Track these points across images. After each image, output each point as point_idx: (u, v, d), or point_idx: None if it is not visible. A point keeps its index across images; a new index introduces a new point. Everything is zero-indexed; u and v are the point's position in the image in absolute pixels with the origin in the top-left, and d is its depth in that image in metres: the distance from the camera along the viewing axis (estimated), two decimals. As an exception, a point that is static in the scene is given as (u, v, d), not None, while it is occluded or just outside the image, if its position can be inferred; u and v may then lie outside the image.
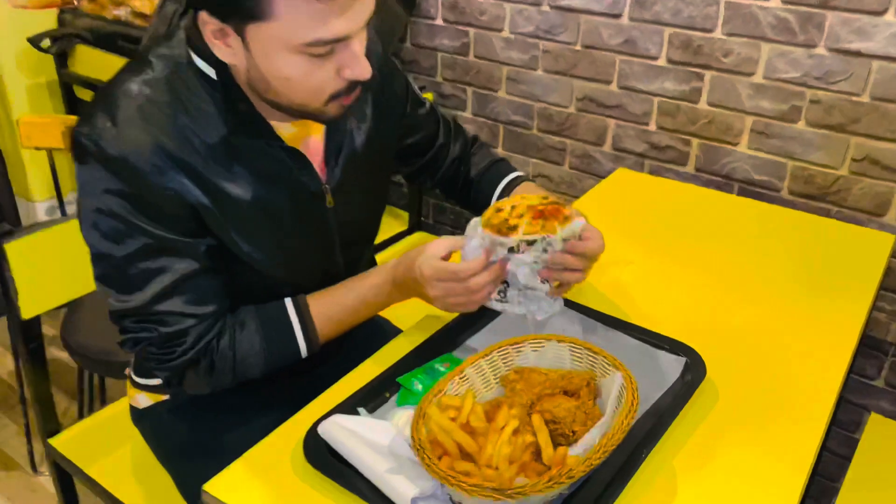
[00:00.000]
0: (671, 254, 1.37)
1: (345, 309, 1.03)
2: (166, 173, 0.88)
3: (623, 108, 1.80)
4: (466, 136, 1.29)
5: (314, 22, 0.80)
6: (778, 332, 1.15)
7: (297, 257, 1.04)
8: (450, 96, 2.12)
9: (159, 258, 0.90)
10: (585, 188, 1.96)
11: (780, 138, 1.61)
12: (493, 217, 0.95)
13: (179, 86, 0.90)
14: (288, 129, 0.98)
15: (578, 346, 0.98)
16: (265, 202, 0.96)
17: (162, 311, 0.92)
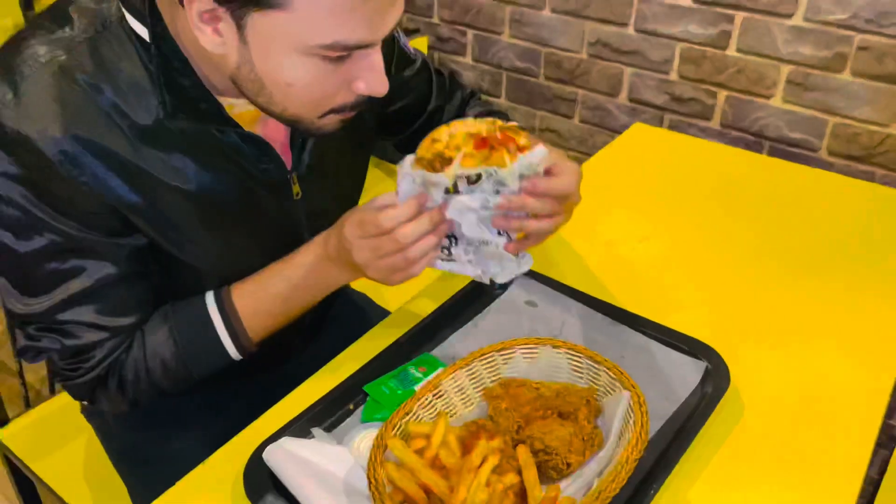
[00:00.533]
0: (691, 227, 1.21)
1: (275, 298, 0.85)
2: (80, 164, 0.71)
3: (641, 54, 1.62)
4: (464, 92, 1.11)
5: (337, 19, 0.64)
6: (815, 326, 1.00)
7: (256, 260, 0.87)
8: (448, 40, 1.92)
9: (69, 259, 0.76)
10: (598, 145, 1.78)
11: (820, 91, 1.42)
12: (427, 150, 0.73)
13: (106, 52, 0.72)
14: (243, 107, 0.80)
15: (578, 353, 0.83)
16: (214, 196, 0.80)
17: (69, 320, 0.78)
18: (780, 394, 0.89)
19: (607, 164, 1.39)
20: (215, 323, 0.84)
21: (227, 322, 0.84)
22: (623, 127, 1.72)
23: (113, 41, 0.73)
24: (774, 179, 1.34)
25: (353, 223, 0.76)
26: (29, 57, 0.71)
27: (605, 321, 0.96)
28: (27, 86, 0.70)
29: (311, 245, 0.84)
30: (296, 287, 0.84)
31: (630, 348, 0.92)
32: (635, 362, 0.90)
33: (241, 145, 0.80)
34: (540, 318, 0.97)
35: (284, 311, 0.86)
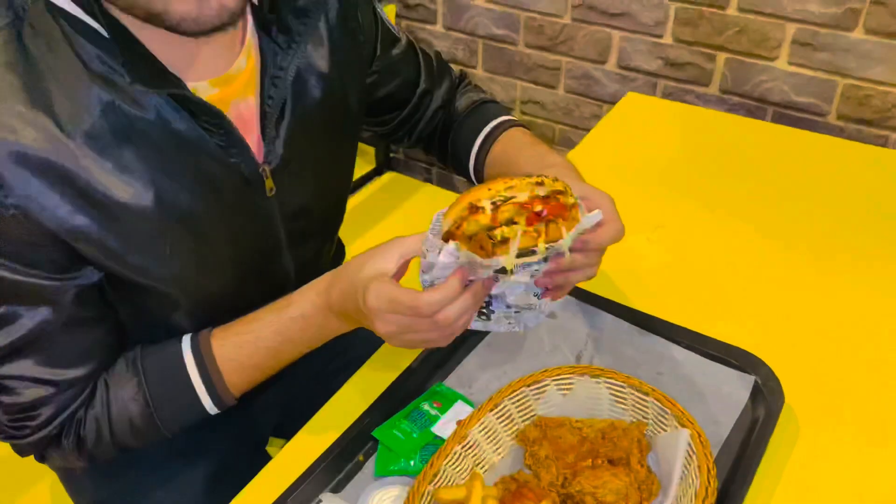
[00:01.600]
0: (704, 210, 1.12)
1: (263, 352, 0.75)
2: (7, 183, 0.59)
3: (631, 16, 1.50)
4: (453, 76, 1.00)
5: None
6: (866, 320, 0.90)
7: (226, 271, 0.76)
8: (415, 6, 1.78)
9: (2, 304, 0.65)
10: (586, 115, 1.66)
11: (829, 51, 1.33)
12: (469, 223, 0.63)
13: (30, 40, 0.60)
14: (206, 90, 0.68)
15: (620, 382, 0.72)
16: (176, 201, 0.67)
17: (7, 375, 0.68)
18: (837, 403, 0.80)
19: (603, 141, 1.28)
20: (192, 378, 0.73)
21: (206, 377, 0.74)
22: (612, 96, 1.61)
23: (37, 27, 0.60)
24: (787, 148, 1.24)
25: (381, 297, 0.64)
26: None
27: (633, 331, 0.86)
28: None
29: (307, 294, 0.73)
30: (290, 340, 0.74)
31: (667, 363, 0.82)
32: (675, 379, 0.80)
33: (202, 137, 0.67)
34: (561, 331, 0.87)
35: (274, 365, 0.76)
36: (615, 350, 0.85)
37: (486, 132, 0.93)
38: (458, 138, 0.96)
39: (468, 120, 0.96)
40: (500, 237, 0.61)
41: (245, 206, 0.74)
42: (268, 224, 0.77)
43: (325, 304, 0.72)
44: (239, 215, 0.74)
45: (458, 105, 0.98)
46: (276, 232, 0.79)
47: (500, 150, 0.91)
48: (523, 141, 0.91)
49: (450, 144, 0.98)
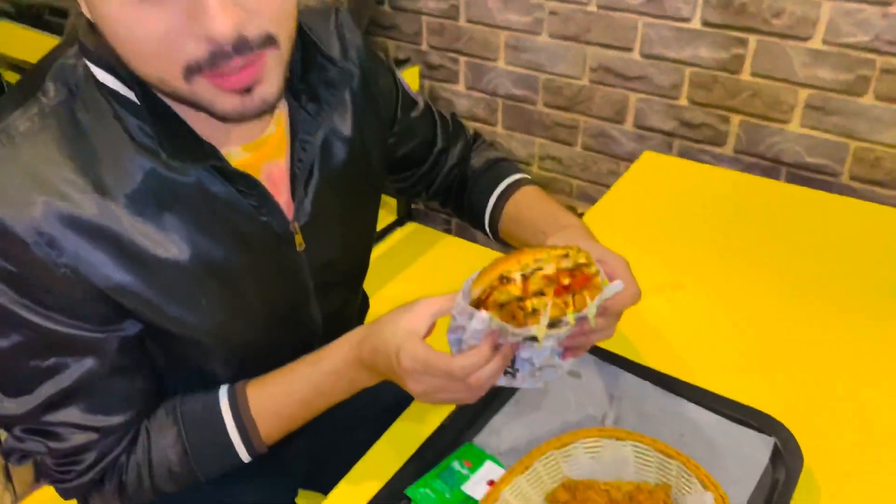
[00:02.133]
0: (724, 269, 1.14)
1: (296, 403, 0.79)
2: (59, 245, 0.64)
3: (647, 79, 1.55)
4: (467, 134, 1.05)
5: None
6: (885, 378, 0.93)
7: (259, 321, 0.80)
8: (438, 67, 1.84)
9: (50, 356, 0.69)
10: (602, 172, 1.70)
11: (841, 115, 1.37)
12: (500, 293, 0.67)
13: (82, 114, 0.65)
14: (239, 156, 0.73)
15: (646, 446, 0.74)
16: (208, 257, 0.72)
17: (54, 421, 0.71)
18: (859, 470, 0.82)
19: (621, 201, 1.32)
20: (228, 427, 0.77)
21: (241, 425, 0.77)
22: (629, 154, 1.65)
23: (88, 101, 0.65)
24: (801, 208, 1.27)
25: (415, 359, 0.68)
26: (1, 132, 0.63)
27: (656, 392, 0.88)
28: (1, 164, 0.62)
29: (339, 349, 0.77)
30: (322, 393, 0.78)
31: (689, 423, 0.85)
32: (697, 440, 0.82)
33: (237, 198, 0.72)
34: (586, 391, 0.89)
35: (305, 415, 0.80)
36: (639, 410, 0.87)
37: (500, 190, 0.97)
38: (473, 195, 1.00)
39: (483, 177, 1.00)
40: (530, 308, 0.65)
41: (276, 261, 0.78)
42: (297, 277, 0.81)
43: (356, 358, 0.75)
44: (270, 269, 0.78)
45: (473, 163, 1.02)
46: (305, 284, 0.82)
47: (515, 208, 0.95)
48: (537, 199, 0.95)
49: (466, 201, 1.02)
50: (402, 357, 0.68)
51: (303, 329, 0.86)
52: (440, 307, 0.70)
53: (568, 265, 0.68)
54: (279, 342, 0.84)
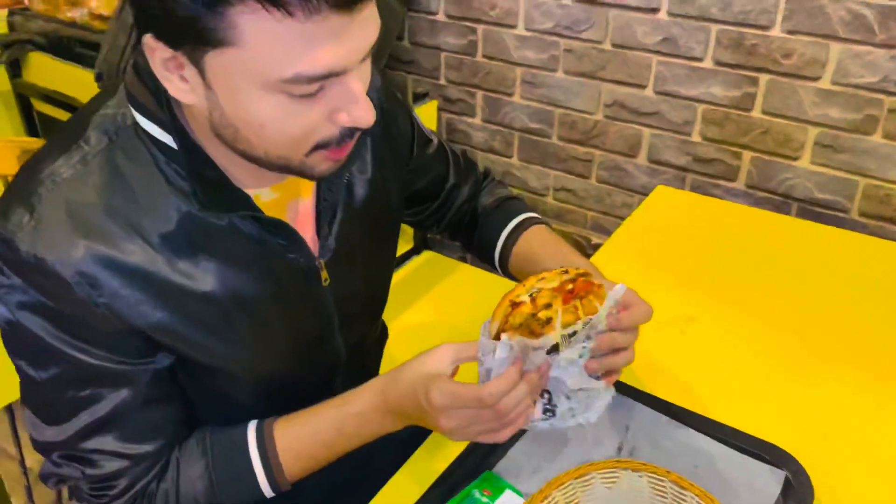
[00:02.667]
0: (735, 303, 1.17)
1: (320, 444, 0.81)
2: (99, 284, 0.67)
3: (661, 115, 1.59)
4: (478, 172, 1.09)
5: (291, 50, 0.58)
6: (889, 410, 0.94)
7: (285, 352, 0.84)
8: (456, 101, 1.89)
9: (87, 387, 0.72)
10: (616, 204, 1.74)
11: (850, 152, 1.40)
12: (514, 315, 0.71)
13: (121, 160, 0.69)
14: (268, 196, 0.77)
15: (661, 477, 0.77)
16: (239, 292, 0.76)
17: (90, 448, 0.74)
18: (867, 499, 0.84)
19: (636, 233, 1.35)
20: (253, 463, 0.80)
21: (266, 463, 0.80)
22: (643, 187, 1.69)
23: (127, 148, 0.69)
24: (812, 243, 1.30)
25: (444, 394, 0.71)
26: (46, 178, 0.68)
27: (671, 424, 0.91)
28: (43, 207, 0.66)
29: (364, 394, 0.80)
30: (345, 435, 0.80)
31: (702, 455, 0.87)
32: (710, 472, 0.85)
33: (267, 238, 0.76)
34: (603, 423, 0.91)
35: (328, 456, 0.82)
36: (654, 442, 0.90)
37: (510, 227, 1.01)
38: (484, 231, 1.04)
39: (494, 214, 1.04)
40: (544, 318, 0.69)
41: (303, 295, 0.82)
42: (323, 310, 0.85)
43: (381, 404, 0.78)
44: (298, 303, 0.81)
45: (483, 200, 1.06)
46: (330, 317, 0.86)
47: (525, 246, 0.99)
48: (547, 239, 0.99)
49: (476, 236, 1.06)
50: (432, 395, 0.71)
51: (327, 359, 0.90)
52: (463, 352, 0.73)
53: (569, 277, 0.73)
54: (305, 372, 0.87)
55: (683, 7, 1.45)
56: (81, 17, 1.95)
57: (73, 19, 1.97)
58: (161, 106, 0.69)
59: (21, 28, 2.07)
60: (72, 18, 1.97)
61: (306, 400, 0.89)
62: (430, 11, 1.81)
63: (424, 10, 1.81)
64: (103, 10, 1.87)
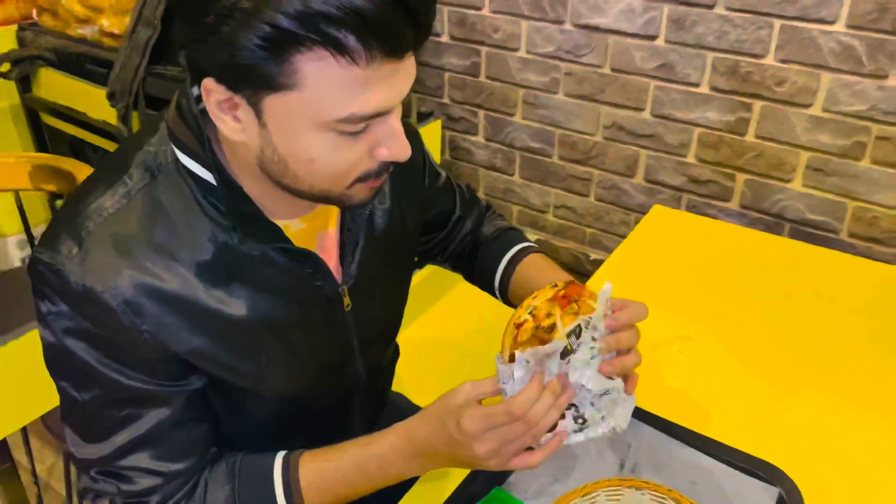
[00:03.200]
0: (732, 320, 1.22)
1: (340, 480, 0.82)
2: (143, 312, 0.72)
3: (657, 137, 1.63)
4: (481, 205, 1.15)
5: (349, 93, 0.64)
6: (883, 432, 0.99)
7: (310, 373, 0.88)
8: (459, 119, 1.93)
9: (127, 407, 0.76)
10: (614, 222, 1.79)
11: (840, 176, 1.45)
12: (521, 334, 0.75)
13: (163, 194, 0.74)
14: (297, 226, 0.82)
15: (662, 495, 0.82)
16: (269, 317, 0.80)
17: (126, 466, 0.78)
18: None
19: (634, 252, 1.40)
20: (277, 493, 0.82)
21: (289, 494, 0.82)
22: (640, 206, 1.74)
23: (168, 184, 0.74)
24: (803, 263, 1.35)
25: (475, 418, 0.74)
26: (93, 212, 0.72)
27: (671, 442, 0.96)
28: (91, 240, 0.71)
29: (388, 437, 0.81)
30: (366, 475, 0.81)
31: (700, 472, 0.92)
32: (708, 488, 0.90)
33: (295, 267, 0.80)
34: (607, 441, 0.97)
35: (350, 494, 0.83)
36: (655, 459, 0.94)
37: (509, 256, 1.06)
38: (485, 260, 1.09)
39: (494, 244, 1.09)
40: (548, 325, 0.73)
41: (327, 321, 0.86)
42: (345, 334, 0.89)
43: (407, 447, 0.79)
44: (322, 328, 0.86)
45: (484, 231, 1.11)
46: (351, 339, 0.90)
47: (523, 272, 1.03)
48: (543, 265, 1.03)
49: (476, 265, 1.10)
50: (464, 422, 0.73)
51: (347, 380, 0.93)
52: (482, 387, 0.75)
53: (560, 286, 0.77)
54: (326, 392, 0.91)
55: (680, 35, 1.51)
56: (92, 34, 1.99)
57: (84, 36, 2.01)
58: (202, 145, 0.73)
59: (31, 44, 2.11)
60: (82, 35, 2.01)
61: (325, 418, 0.93)
62: (436, 33, 1.86)
63: (429, 31, 1.86)
64: (114, 29, 1.91)
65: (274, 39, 0.60)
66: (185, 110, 0.74)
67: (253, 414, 0.87)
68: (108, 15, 1.94)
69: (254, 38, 0.60)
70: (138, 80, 1.71)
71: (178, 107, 0.75)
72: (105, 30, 1.94)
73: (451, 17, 1.81)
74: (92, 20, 1.97)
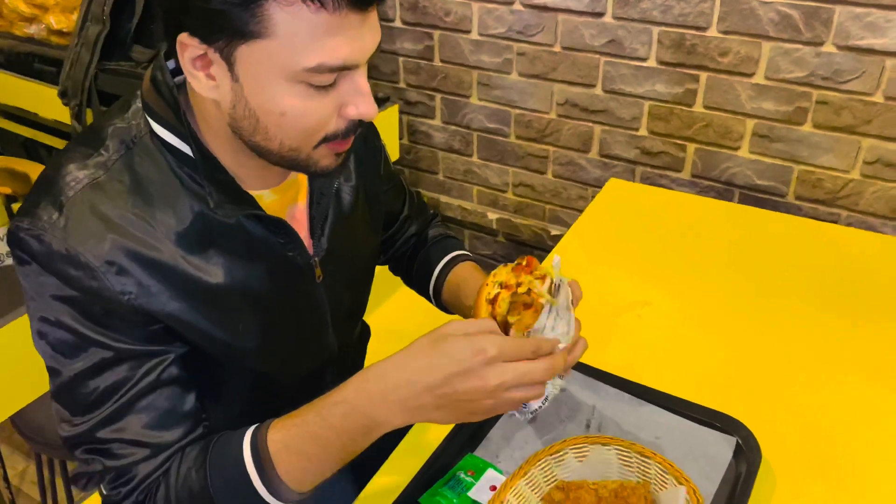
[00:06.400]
0: (687, 285, 1.27)
1: (306, 435, 0.75)
2: (127, 272, 0.74)
3: (610, 112, 1.67)
4: (428, 212, 1.20)
5: (318, 41, 0.67)
6: (828, 379, 1.05)
7: (284, 344, 0.90)
8: (416, 103, 1.95)
9: (113, 373, 0.76)
10: (572, 197, 1.83)
11: (784, 141, 1.50)
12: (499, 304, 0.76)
13: (139, 165, 0.76)
14: (269, 197, 0.85)
15: (626, 448, 0.86)
16: (244, 285, 0.83)
17: (112, 438, 0.77)
18: (807, 456, 0.93)
19: (592, 225, 1.44)
20: (245, 457, 0.77)
21: (257, 457, 0.76)
22: (596, 180, 1.78)
23: (144, 155, 0.77)
24: (753, 226, 1.41)
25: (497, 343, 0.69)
26: (71, 181, 0.74)
27: (633, 401, 1.00)
28: (71, 206, 0.73)
29: (352, 380, 0.75)
30: (332, 427, 0.74)
31: (662, 427, 0.96)
32: (670, 442, 0.94)
33: (269, 236, 0.83)
34: (572, 403, 1.01)
35: (321, 454, 0.76)
36: (618, 417, 0.99)
37: (446, 260, 1.11)
38: (422, 263, 1.14)
39: (432, 249, 1.13)
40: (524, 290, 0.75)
41: (300, 291, 0.89)
42: (317, 306, 0.92)
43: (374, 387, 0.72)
44: (296, 298, 0.88)
45: (429, 234, 1.16)
46: (324, 313, 0.93)
47: (454, 279, 1.07)
48: (472, 274, 1.06)
49: (415, 267, 1.15)
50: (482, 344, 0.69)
51: (321, 354, 0.96)
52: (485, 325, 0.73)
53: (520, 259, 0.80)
54: (300, 366, 0.94)
55: (627, 10, 1.54)
56: (39, 32, 1.95)
57: (31, 35, 1.97)
58: (178, 116, 0.76)
59: (-24, 45, 2.06)
60: (29, 34, 1.98)
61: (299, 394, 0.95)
62: (388, 18, 1.87)
63: (382, 17, 1.87)
64: (62, 26, 1.88)
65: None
66: (160, 82, 0.76)
67: (228, 390, 0.88)
68: (55, 13, 1.91)
69: None
70: (90, 78, 1.69)
71: (152, 80, 0.77)
72: (52, 28, 1.91)
73: (403, 3, 1.82)
74: (38, 18, 1.94)
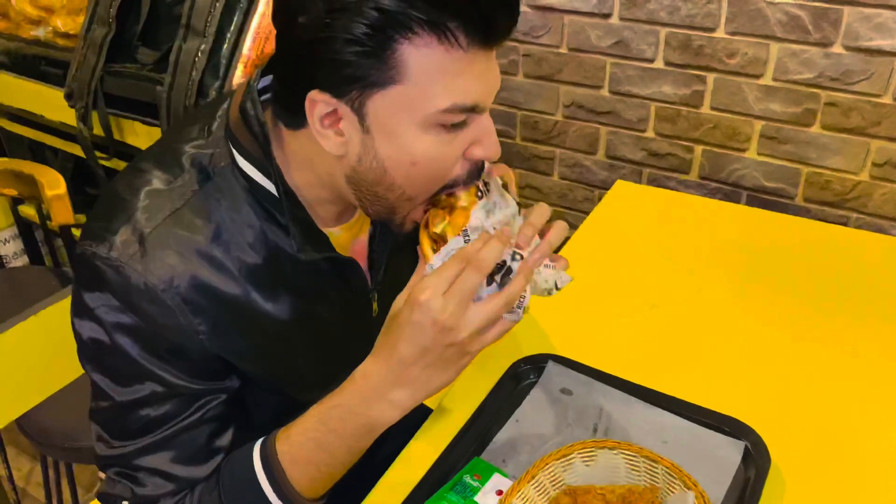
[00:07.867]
0: (694, 287, 1.25)
1: (309, 443, 0.77)
2: (201, 311, 0.73)
3: (616, 114, 1.67)
4: None
5: (451, 80, 0.66)
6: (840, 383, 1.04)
7: (333, 377, 0.85)
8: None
9: (163, 406, 0.76)
10: (579, 199, 1.82)
11: (792, 143, 1.49)
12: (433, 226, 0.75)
13: (219, 198, 0.75)
14: (338, 233, 0.84)
15: (634, 453, 0.85)
16: (309, 321, 0.83)
17: (144, 466, 0.77)
18: (817, 460, 0.92)
19: (599, 227, 1.43)
20: (260, 478, 0.79)
21: (271, 477, 0.78)
22: (602, 182, 1.77)
23: (224, 186, 0.75)
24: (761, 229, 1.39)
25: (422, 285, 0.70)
26: (151, 208, 0.72)
27: (640, 404, 0.99)
28: (152, 239, 0.71)
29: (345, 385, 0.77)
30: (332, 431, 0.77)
31: (670, 431, 0.95)
32: (678, 446, 0.93)
33: (337, 274, 0.83)
34: (578, 406, 1.00)
35: (326, 459, 0.78)
36: (626, 421, 0.98)
37: None
38: None
39: None
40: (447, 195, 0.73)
41: (358, 326, 0.88)
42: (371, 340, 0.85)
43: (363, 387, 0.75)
44: (354, 333, 0.87)
45: None
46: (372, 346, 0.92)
47: None
48: None
49: None
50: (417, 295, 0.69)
51: None
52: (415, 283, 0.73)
53: None
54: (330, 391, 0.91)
55: (633, 12, 1.54)
56: (45, 34, 1.96)
57: (37, 37, 1.97)
58: (266, 154, 0.74)
59: (-18, 48, 2.07)
60: (35, 36, 1.98)
61: None
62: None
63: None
64: (68, 29, 1.89)
65: (379, 27, 0.62)
66: (251, 117, 0.74)
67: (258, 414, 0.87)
68: (61, 15, 1.91)
69: (361, 27, 0.61)
70: (96, 80, 1.69)
71: (242, 111, 0.75)
72: (59, 30, 1.92)
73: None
74: (44, 21, 1.94)
